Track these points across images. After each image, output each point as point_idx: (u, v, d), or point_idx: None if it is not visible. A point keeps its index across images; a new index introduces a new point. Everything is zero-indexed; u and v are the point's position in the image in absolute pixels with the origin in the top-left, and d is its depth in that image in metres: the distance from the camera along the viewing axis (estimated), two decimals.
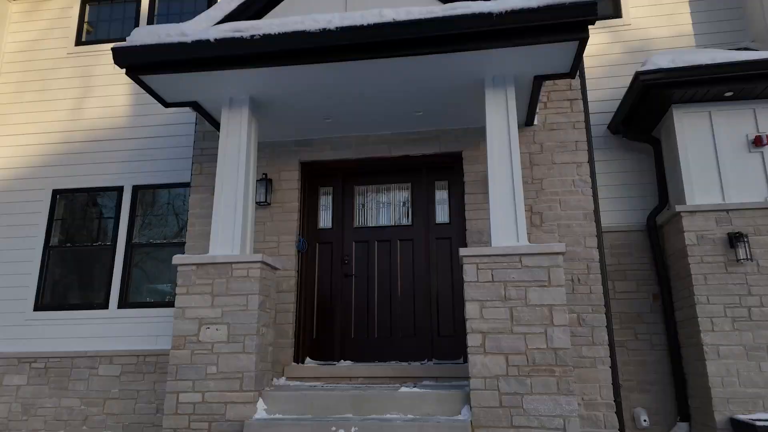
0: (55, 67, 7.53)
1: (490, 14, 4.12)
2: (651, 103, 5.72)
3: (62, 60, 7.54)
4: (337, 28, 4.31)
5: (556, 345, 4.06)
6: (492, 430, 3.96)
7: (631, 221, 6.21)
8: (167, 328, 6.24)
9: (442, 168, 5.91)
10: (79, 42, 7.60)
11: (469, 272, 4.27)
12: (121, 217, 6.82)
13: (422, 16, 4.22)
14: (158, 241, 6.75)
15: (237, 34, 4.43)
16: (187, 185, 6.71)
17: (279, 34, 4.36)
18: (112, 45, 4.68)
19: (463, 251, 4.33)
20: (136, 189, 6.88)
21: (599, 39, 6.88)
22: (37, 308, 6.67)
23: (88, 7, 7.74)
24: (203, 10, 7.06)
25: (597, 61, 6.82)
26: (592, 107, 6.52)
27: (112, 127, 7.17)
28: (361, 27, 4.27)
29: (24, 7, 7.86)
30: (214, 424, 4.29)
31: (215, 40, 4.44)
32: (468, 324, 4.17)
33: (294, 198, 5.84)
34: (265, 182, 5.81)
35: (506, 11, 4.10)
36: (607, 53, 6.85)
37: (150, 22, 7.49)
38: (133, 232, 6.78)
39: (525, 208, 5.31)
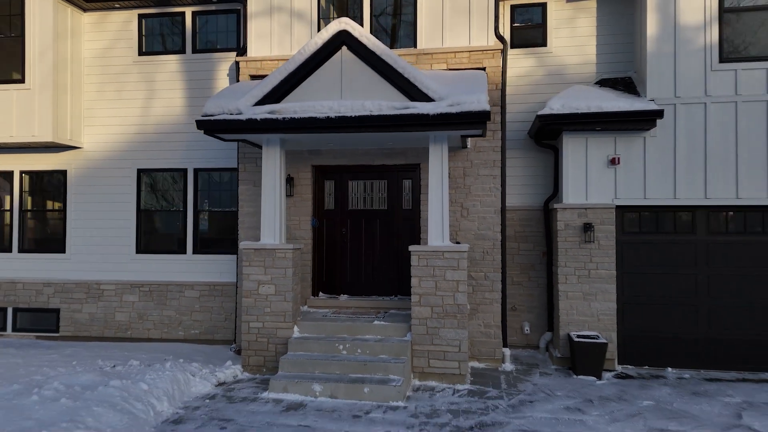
0: (124, 72, 10.01)
1: (427, 114, 6.83)
2: (549, 130, 8.46)
3: (130, 66, 10.00)
4: (335, 116, 7.02)
5: (459, 302, 7.33)
6: (422, 346, 7.37)
7: (534, 203, 9.22)
8: (227, 267, 9.59)
9: (408, 171, 8.80)
10: (141, 52, 9.98)
11: (413, 260, 7.43)
12: (188, 191, 9.82)
13: (388, 112, 6.92)
14: (216, 209, 9.83)
15: (273, 116, 7.15)
16: (233, 170, 9.62)
17: (299, 118, 7.08)
18: (197, 118, 7.38)
19: (411, 248, 7.44)
20: (196, 171, 9.80)
21: (529, 62, 9.33)
22: (137, 252, 9.93)
23: (144, 22, 9.99)
24: (232, 29, 9.53)
25: (526, 80, 9.33)
26: (519, 116, 9.24)
27: (173, 122, 9.87)
28: (351, 117, 6.98)
29: (93, 18, 10.11)
30: (271, 339, 7.72)
31: (260, 119, 7.16)
32: (412, 290, 7.41)
33: (308, 191, 8.83)
34: (290, 180, 8.75)
35: (437, 113, 6.80)
36: (534, 74, 9.32)
37: (194, 38, 9.81)
38: (198, 201, 9.82)
39: (457, 206, 8.39)
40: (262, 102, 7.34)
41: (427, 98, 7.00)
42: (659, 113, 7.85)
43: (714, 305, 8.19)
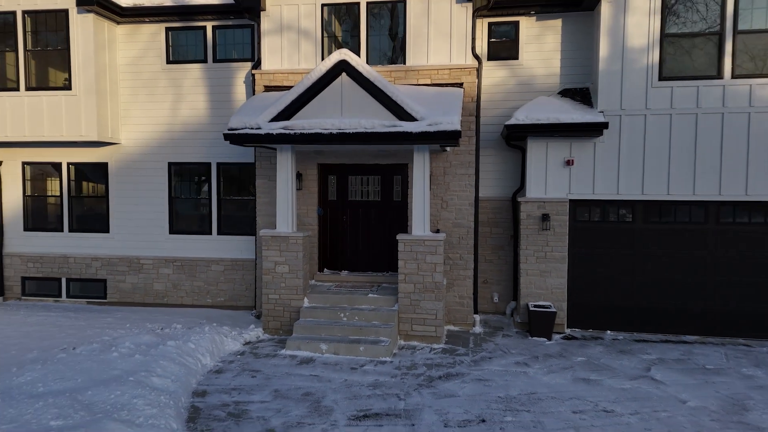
0: (154, 78, 11.59)
1: (411, 132, 8.49)
2: (516, 136, 10.11)
3: (159, 73, 11.57)
4: (337, 132, 8.69)
5: (436, 280, 9.18)
6: (407, 314, 9.26)
7: (504, 194, 10.93)
8: (246, 246, 11.42)
9: (398, 169, 10.51)
10: (168, 61, 11.52)
11: (400, 246, 9.23)
12: (212, 181, 11.55)
13: (379, 130, 8.58)
14: (236, 197, 11.58)
15: (286, 131, 8.83)
16: (250, 164, 11.31)
17: (307, 133, 8.75)
18: (224, 132, 9.05)
19: (398, 236, 9.22)
20: (219, 165, 11.50)
21: (503, 73, 10.85)
22: (170, 233, 11.75)
23: (170, 34, 11.49)
24: (247, 42, 11.04)
25: (500, 88, 10.87)
26: (494, 120, 10.84)
27: (198, 122, 11.51)
28: (349, 133, 8.64)
29: (126, 30, 11.60)
30: (286, 308, 9.61)
31: (276, 134, 8.84)
32: (399, 270, 9.25)
33: (315, 185, 10.57)
34: (299, 176, 10.48)
35: (419, 132, 8.47)
36: (507, 83, 10.85)
37: (214, 49, 11.33)
38: (221, 190, 11.57)
39: (438, 199, 10.13)
40: (276, 119, 8.99)
41: (411, 118, 8.64)
42: (605, 125, 9.48)
43: (647, 280, 10.03)
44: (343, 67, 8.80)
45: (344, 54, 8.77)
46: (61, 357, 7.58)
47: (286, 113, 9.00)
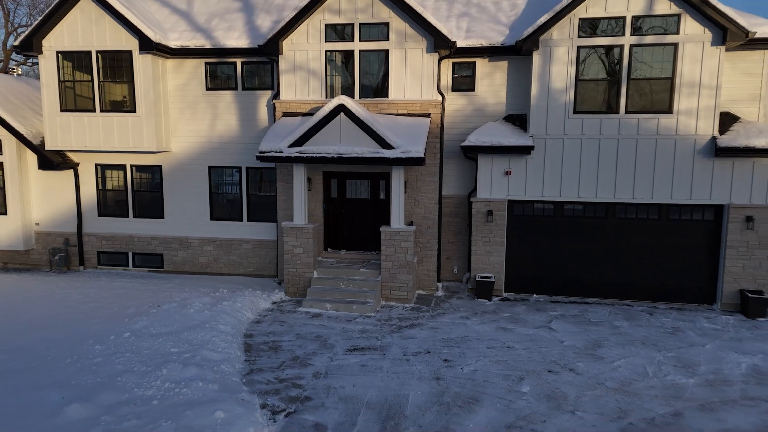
0: (196, 101, 15.05)
1: (388, 158, 12.10)
2: (469, 152, 13.68)
3: (200, 97, 15.03)
4: (336, 156, 12.28)
5: (408, 259, 12.94)
6: (387, 283, 13.06)
7: (463, 193, 14.56)
8: (269, 230, 15.16)
9: (383, 176, 14.13)
10: (207, 88, 14.96)
11: (382, 235, 12.96)
12: (242, 181, 15.17)
13: (367, 155, 12.18)
14: (260, 193, 15.23)
15: (301, 154, 12.43)
16: (271, 168, 14.91)
17: (316, 156, 12.35)
18: (256, 154, 12.66)
19: (381, 228, 12.94)
20: (247, 168, 15.10)
21: (463, 101, 14.30)
22: (211, 219, 15.46)
23: (208, 67, 14.89)
24: (269, 75, 14.49)
25: (460, 113, 14.34)
26: (456, 136, 14.37)
27: (231, 135, 15.04)
28: (346, 156, 12.24)
29: (174, 63, 14.98)
30: (301, 278, 13.40)
31: (293, 156, 12.44)
32: (381, 252, 13.00)
33: (321, 187, 14.23)
34: (309, 180, 14.11)
35: (394, 157, 12.07)
36: (466, 109, 14.31)
37: (242, 80, 14.75)
38: (249, 188, 15.20)
39: (411, 199, 13.82)
40: (293, 145, 12.58)
41: (390, 147, 12.22)
42: (532, 147, 13.04)
43: (563, 258, 13.79)
44: (341, 109, 12.32)
45: (342, 99, 12.28)
46: (154, 311, 11.41)
47: (300, 141, 12.58)
